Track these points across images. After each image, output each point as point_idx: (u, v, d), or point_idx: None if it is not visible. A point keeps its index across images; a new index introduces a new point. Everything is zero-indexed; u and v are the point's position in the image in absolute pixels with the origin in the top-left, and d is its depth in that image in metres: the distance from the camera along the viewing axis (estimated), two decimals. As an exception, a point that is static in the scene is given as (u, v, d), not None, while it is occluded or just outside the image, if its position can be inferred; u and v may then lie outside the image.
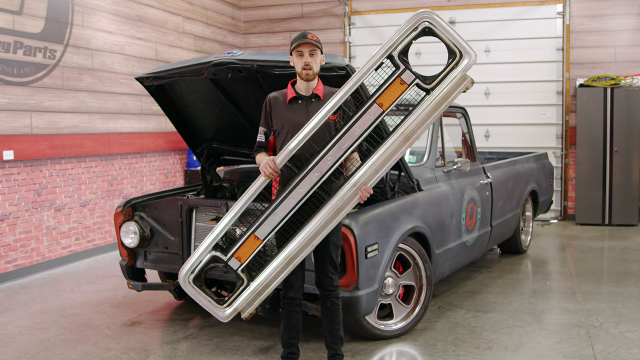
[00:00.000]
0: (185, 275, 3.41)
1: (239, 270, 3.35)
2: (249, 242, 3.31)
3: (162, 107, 4.78)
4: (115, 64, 7.10)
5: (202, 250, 3.38)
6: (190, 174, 8.32)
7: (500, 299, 4.95)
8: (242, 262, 3.33)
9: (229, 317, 3.40)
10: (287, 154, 3.26)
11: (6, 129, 5.71)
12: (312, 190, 3.25)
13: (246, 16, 10.15)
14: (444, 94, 3.27)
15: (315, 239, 3.26)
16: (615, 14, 8.56)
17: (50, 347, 4.03)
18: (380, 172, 3.30)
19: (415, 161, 4.91)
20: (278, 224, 3.28)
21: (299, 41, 3.29)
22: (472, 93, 8.90)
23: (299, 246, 3.27)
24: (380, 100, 3.24)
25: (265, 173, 3.25)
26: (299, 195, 3.25)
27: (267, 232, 3.28)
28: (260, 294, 3.35)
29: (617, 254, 6.65)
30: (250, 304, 3.37)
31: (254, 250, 3.31)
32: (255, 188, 3.33)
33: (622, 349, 3.85)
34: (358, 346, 3.92)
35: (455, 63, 3.26)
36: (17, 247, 5.85)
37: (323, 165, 3.24)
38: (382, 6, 9.48)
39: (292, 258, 3.28)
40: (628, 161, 8.25)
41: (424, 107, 3.28)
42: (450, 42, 3.25)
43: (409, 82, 3.24)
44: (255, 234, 3.29)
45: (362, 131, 3.23)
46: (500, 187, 5.71)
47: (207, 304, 3.42)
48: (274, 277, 3.32)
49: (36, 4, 5.99)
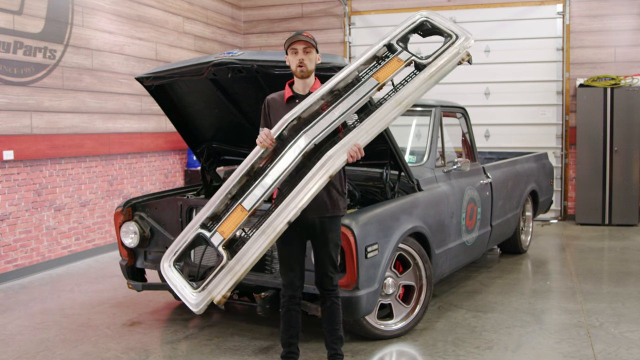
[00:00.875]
0: (167, 256, 3.17)
1: (220, 247, 3.05)
2: (234, 214, 3.10)
3: (162, 107, 4.78)
4: (115, 64, 7.10)
5: (188, 229, 3.22)
6: (190, 174, 8.32)
7: (500, 299, 4.95)
8: (225, 236, 3.06)
9: (201, 306, 3.01)
10: (282, 123, 3.24)
11: (6, 129, 5.71)
12: (302, 152, 3.15)
13: (246, 16, 10.15)
14: (439, 65, 3.38)
15: (300, 201, 3.05)
16: (615, 14, 8.56)
17: (50, 347, 4.04)
18: (371, 132, 3.25)
19: (415, 161, 4.91)
20: (266, 191, 3.13)
21: (294, 39, 3.31)
22: (472, 93, 8.96)
23: (282, 209, 3.06)
24: (377, 74, 3.32)
25: (260, 140, 3.24)
26: (289, 159, 3.17)
27: (253, 202, 3.10)
28: (238, 272, 3.00)
29: (617, 254, 6.66)
30: (227, 284, 2.98)
31: (239, 222, 3.08)
32: (248, 159, 3.26)
33: (622, 349, 3.85)
34: (358, 346, 3.92)
35: (451, 42, 3.41)
36: (17, 247, 5.85)
37: (316, 129, 3.21)
38: (382, 6, 9.48)
39: (275, 226, 3.03)
40: (628, 161, 8.25)
41: (419, 77, 3.37)
42: (447, 29, 3.41)
43: (405, 60, 3.37)
44: (242, 204, 3.11)
45: (358, 99, 3.26)
46: (500, 187, 5.71)
47: (182, 290, 3.09)
48: (255, 250, 3.01)
49: (36, 4, 5.99)
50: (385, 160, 4.23)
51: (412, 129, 5.57)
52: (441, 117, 5.02)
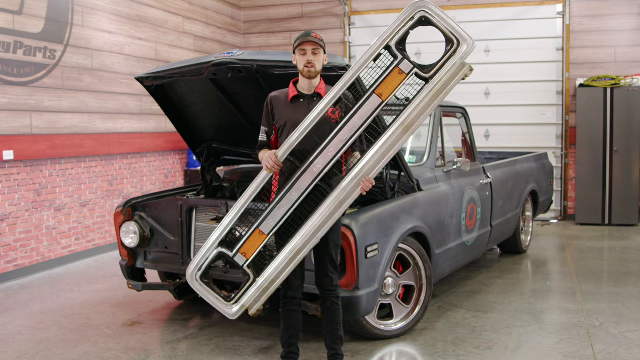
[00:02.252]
0: (193, 272, 3.43)
1: (245, 266, 3.36)
2: (253, 238, 3.33)
3: (162, 107, 4.78)
4: (115, 64, 7.10)
5: (209, 247, 3.39)
6: (190, 174, 8.32)
7: (500, 299, 4.95)
8: (247, 257, 3.34)
9: (237, 315, 3.40)
10: (289, 148, 3.28)
11: (6, 129, 5.71)
12: (314, 182, 3.26)
13: (246, 16, 10.15)
14: (443, 82, 3.25)
15: (319, 231, 3.28)
16: (615, 14, 8.56)
17: (50, 347, 4.03)
18: (381, 163, 3.29)
19: (415, 161, 4.91)
20: (282, 217, 3.29)
21: (303, 39, 3.30)
22: (472, 93, 8.96)
23: (303, 239, 3.29)
24: (380, 90, 3.25)
25: (267, 167, 3.27)
26: (301, 187, 3.26)
27: (271, 227, 3.30)
28: (267, 289, 3.35)
29: (617, 254, 6.65)
30: (258, 299, 3.38)
31: (260, 245, 3.33)
32: (258, 182, 3.36)
33: (622, 349, 3.85)
34: (358, 346, 3.92)
35: (453, 51, 3.24)
36: (17, 247, 5.85)
37: (324, 158, 3.25)
38: (382, 6, 9.48)
39: (297, 252, 3.30)
40: (628, 161, 8.25)
41: (423, 96, 3.27)
42: (447, 30, 3.24)
43: (407, 72, 3.24)
44: (259, 228, 3.31)
45: (362, 122, 3.24)
46: (500, 187, 5.71)
47: (215, 302, 3.44)
48: (279, 272, 3.33)
49: (36, 4, 5.99)
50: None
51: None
52: (441, 117, 5.02)
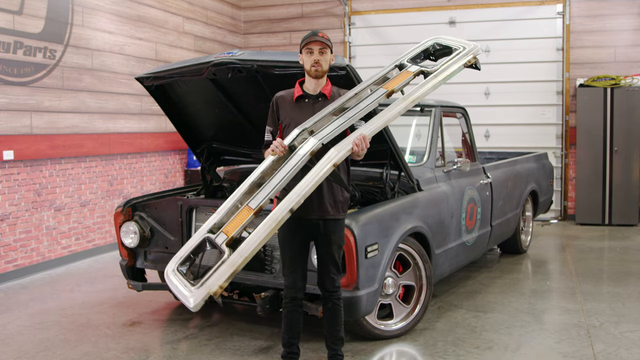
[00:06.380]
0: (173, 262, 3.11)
1: (223, 244, 3.02)
2: (241, 214, 3.13)
3: (162, 107, 4.78)
4: (115, 64, 7.10)
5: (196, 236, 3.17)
6: (190, 174, 8.33)
7: (500, 299, 4.96)
8: (228, 235, 3.06)
9: (198, 300, 2.88)
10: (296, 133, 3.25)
11: (6, 129, 5.71)
12: (310, 151, 3.16)
13: (246, 16, 10.15)
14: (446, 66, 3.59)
15: (306, 189, 3.06)
16: (615, 14, 8.56)
17: (50, 347, 4.03)
18: (376, 124, 3.30)
19: (415, 161, 4.91)
20: (272, 189, 3.14)
21: (310, 39, 3.29)
22: (472, 93, 8.96)
23: (286, 202, 3.07)
24: (387, 86, 3.43)
25: (273, 148, 3.21)
26: (297, 158, 3.18)
27: (260, 201, 3.13)
28: (237, 262, 2.93)
29: (617, 254, 6.66)
30: (223, 275, 2.91)
31: (244, 221, 3.08)
32: (261, 168, 3.25)
33: (622, 349, 3.85)
34: (358, 346, 3.92)
35: (458, 53, 3.63)
36: (17, 247, 5.85)
37: (324, 132, 3.23)
38: (382, 6, 9.48)
39: (277, 215, 3.02)
40: (628, 161, 8.25)
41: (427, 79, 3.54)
42: (456, 43, 3.67)
43: (414, 71, 3.54)
44: (248, 205, 3.14)
45: (366, 105, 3.34)
46: (500, 187, 5.71)
47: (182, 289, 2.97)
48: (255, 240, 2.98)
49: (36, 4, 5.99)
50: (385, 160, 4.23)
51: (412, 129, 5.57)
52: (441, 117, 5.02)
